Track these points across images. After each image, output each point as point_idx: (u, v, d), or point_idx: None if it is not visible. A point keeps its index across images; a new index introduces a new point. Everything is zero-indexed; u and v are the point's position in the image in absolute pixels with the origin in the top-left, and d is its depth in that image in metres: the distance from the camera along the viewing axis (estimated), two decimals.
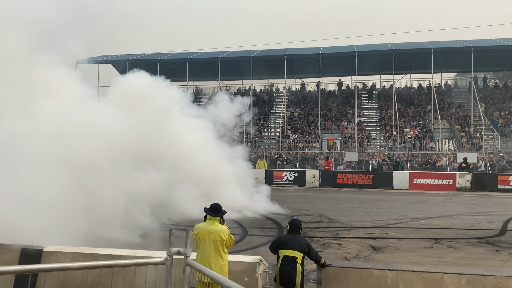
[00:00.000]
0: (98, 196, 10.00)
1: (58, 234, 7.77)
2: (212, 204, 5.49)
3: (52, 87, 11.20)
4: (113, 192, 10.57)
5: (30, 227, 7.55)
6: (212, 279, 2.57)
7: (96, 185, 10.09)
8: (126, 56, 37.08)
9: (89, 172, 9.99)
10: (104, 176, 10.38)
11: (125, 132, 11.42)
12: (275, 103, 38.42)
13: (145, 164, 12.57)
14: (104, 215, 10.05)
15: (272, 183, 24.45)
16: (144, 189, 11.69)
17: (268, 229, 11.64)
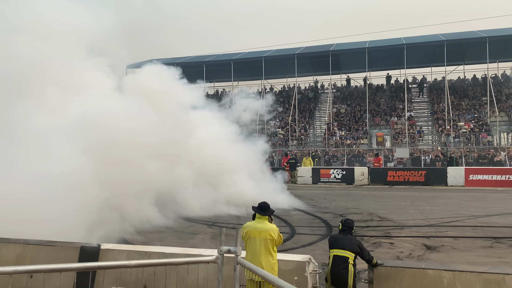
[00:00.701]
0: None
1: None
2: (260, 203, 5.51)
3: (89, 87, 12.21)
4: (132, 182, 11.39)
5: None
6: (263, 278, 2.57)
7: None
8: (173, 60, 38.11)
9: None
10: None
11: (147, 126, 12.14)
12: (320, 100, 37.96)
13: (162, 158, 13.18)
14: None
15: (319, 181, 24.21)
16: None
17: (317, 228, 11.52)
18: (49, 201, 8.72)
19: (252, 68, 37.52)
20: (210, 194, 15.09)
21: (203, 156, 15.17)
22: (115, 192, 11.05)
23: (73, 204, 9.12)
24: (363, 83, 36.52)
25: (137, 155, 11.71)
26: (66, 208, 8.80)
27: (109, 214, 10.82)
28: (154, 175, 12.47)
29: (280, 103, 37.90)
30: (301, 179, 24.53)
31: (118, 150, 11.15)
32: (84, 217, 9.45)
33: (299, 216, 13.42)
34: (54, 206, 8.68)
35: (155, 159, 12.64)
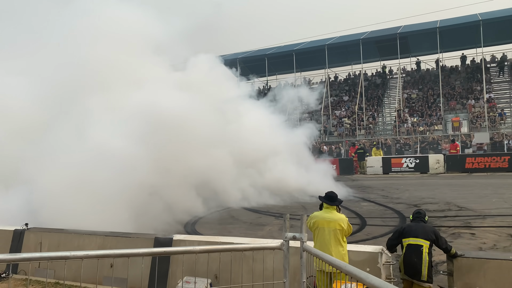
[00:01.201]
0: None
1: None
2: (327, 193, 5.37)
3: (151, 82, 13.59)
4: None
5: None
6: (330, 264, 2.47)
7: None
8: (236, 55, 38.67)
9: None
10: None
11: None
12: (389, 86, 36.37)
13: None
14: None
15: (390, 171, 23.25)
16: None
17: (389, 219, 11.06)
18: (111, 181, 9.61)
19: (315, 57, 36.86)
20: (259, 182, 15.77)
21: (249, 146, 15.83)
22: (175, 181, 11.83)
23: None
24: (435, 66, 34.39)
25: (192, 144, 12.48)
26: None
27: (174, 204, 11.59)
28: (209, 165, 13.19)
29: (345, 91, 36.93)
30: (371, 169, 23.71)
31: (174, 138, 12.01)
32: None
33: (369, 207, 12.99)
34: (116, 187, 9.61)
35: (210, 148, 13.39)
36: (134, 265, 6.29)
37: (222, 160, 14.23)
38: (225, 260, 5.89)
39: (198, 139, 12.71)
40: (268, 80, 39.50)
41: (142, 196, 10.61)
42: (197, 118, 12.87)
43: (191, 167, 12.41)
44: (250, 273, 5.39)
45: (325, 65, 34.50)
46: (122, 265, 6.48)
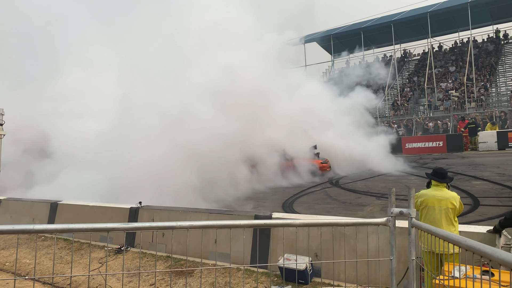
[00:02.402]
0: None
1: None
2: (436, 169, 4.95)
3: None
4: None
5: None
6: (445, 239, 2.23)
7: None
8: (329, 31, 37.59)
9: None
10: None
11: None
12: (503, 53, 32.35)
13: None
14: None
15: (507, 146, 20.83)
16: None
17: (507, 199, 9.93)
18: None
19: (415, 27, 34.20)
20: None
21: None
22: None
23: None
24: None
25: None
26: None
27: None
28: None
29: (451, 61, 33.77)
30: (484, 145, 21.49)
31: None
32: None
33: (483, 185, 11.80)
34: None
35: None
36: (236, 241, 6.55)
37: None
38: (326, 239, 5.82)
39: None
40: (364, 55, 37.77)
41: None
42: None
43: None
44: (351, 252, 5.25)
45: (427, 35, 31.82)
46: (225, 241, 6.80)
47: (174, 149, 12.48)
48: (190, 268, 6.75)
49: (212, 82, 14.15)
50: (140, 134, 12.80)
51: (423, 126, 26.45)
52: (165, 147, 12.45)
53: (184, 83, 14.18)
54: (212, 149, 12.64)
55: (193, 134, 12.64)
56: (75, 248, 8.50)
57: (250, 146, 15.22)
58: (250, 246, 6.56)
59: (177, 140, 12.63)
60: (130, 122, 13.41)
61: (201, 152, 12.51)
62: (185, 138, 12.60)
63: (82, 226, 2.38)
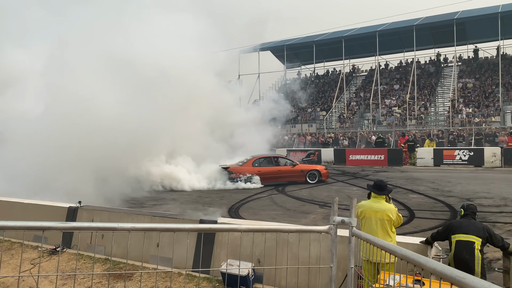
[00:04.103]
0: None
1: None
2: (376, 182, 5.17)
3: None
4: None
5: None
6: (382, 248, 2.34)
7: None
8: (283, 42, 38.27)
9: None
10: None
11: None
12: (443, 75, 34.64)
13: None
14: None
15: (442, 163, 22.25)
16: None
17: (439, 212, 10.59)
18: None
19: (365, 44, 35.76)
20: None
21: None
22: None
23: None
24: (494, 54, 32.31)
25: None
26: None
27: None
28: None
29: (396, 80, 35.61)
30: (421, 161, 22.80)
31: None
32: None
33: (418, 199, 12.50)
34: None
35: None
36: (180, 245, 6.44)
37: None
38: (269, 245, 5.88)
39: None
40: (315, 68, 38.86)
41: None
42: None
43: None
44: (294, 259, 5.34)
45: (375, 52, 33.35)
46: (168, 245, 6.66)
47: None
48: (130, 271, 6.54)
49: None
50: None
51: (367, 139, 27.61)
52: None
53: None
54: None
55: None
56: (5, 247, 7.94)
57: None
58: (193, 250, 6.48)
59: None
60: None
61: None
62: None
63: (14, 224, 2.21)
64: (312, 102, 36.53)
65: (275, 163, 17.14)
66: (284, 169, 16.88)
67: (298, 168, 16.95)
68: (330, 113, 34.27)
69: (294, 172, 16.83)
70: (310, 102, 36.89)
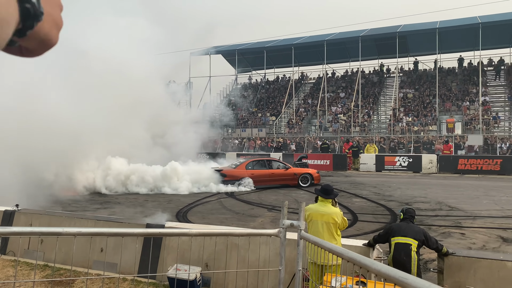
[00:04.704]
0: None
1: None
2: (323, 186, 5.35)
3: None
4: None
5: None
6: (329, 251, 2.44)
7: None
8: (235, 46, 38.44)
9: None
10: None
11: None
12: (385, 85, 36.42)
13: None
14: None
15: (383, 169, 23.35)
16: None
17: (381, 216, 11.10)
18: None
19: (313, 52, 36.80)
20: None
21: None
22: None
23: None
24: (432, 66, 34.46)
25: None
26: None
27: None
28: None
29: (342, 88, 36.93)
30: (364, 166, 23.80)
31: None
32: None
33: (361, 203, 13.03)
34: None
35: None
36: (125, 250, 6.26)
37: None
38: (218, 249, 5.87)
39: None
40: (266, 73, 39.36)
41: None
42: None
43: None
44: (242, 262, 5.37)
45: (323, 61, 34.41)
46: (113, 249, 6.45)
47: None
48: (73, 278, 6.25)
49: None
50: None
51: (313, 145, 28.38)
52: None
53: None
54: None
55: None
56: None
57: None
58: (139, 255, 6.32)
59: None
60: None
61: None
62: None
63: None
64: (262, 107, 36.96)
65: (268, 166, 17.25)
66: (277, 172, 16.99)
67: (290, 172, 17.05)
68: (280, 119, 34.86)
69: (286, 175, 16.92)
70: (261, 107, 37.32)
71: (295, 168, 17.66)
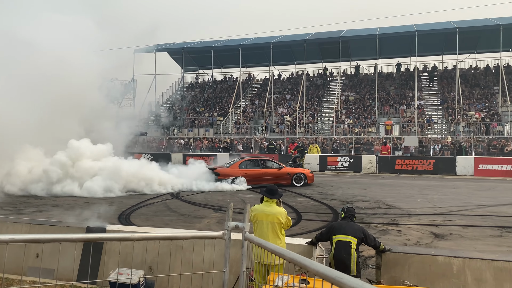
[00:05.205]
0: None
1: None
2: (268, 186, 5.45)
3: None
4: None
5: None
6: (272, 252, 2.49)
7: None
8: (181, 44, 37.89)
9: None
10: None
11: None
12: (329, 88, 37.62)
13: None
14: None
15: (326, 168, 24.11)
16: None
17: (324, 214, 11.47)
18: None
19: (260, 54, 37.20)
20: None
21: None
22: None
23: None
24: (373, 71, 36.08)
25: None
26: None
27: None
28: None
29: (288, 90, 37.64)
30: (308, 166, 24.36)
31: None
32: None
33: (305, 202, 13.38)
34: None
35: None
36: (64, 255, 5.97)
37: None
38: (162, 252, 5.77)
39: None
40: (213, 73, 39.17)
41: None
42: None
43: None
44: (187, 265, 5.33)
45: (269, 63, 34.87)
46: (49, 254, 6.12)
47: None
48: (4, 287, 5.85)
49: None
50: None
51: (260, 145, 28.69)
52: None
53: None
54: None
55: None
56: None
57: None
58: (79, 260, 6.06)
59: None
60: None
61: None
62: None
63: None
64: (210, 107, 36.75)
65: (262, 166, 17.41)
66: (270, 171, 17.20)
67: (284, 171, 17.21)
68: (227, 119, 34.87)
69: (280, 175, 17.05)
70: (208, 106, 37.09)
71: (288, 168, 17.96)
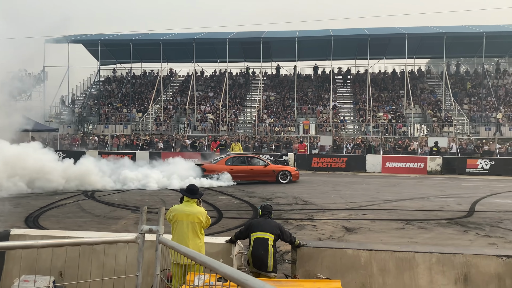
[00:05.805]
0: None
1: None
2: (189, 186, 5.41)
3: None
4: None
5: None
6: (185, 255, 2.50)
7: None
8: (98, 36, 35.93)
9: None
10: None
11: None
12: (251, 87, 38.20)
13: None
14: None
15: None
16: None
17: (244, 212, 11.66)
18: None
19: (182, 50, 36.62)
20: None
21: None
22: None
23: None
24: (292, 72, 37.34)
25: None
26: None
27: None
28: None
29: (211, 87, 37.53)
30: None
31: None
32: None
33: (226, 200, 13.49)
34: None
35: None
36: None
37: None
38: (72, 256, 5.44)
39: None
40: (132, 67, 37.68)
41: None
42: None
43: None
44: (100, 268, 5.09)
45: (192, 59, 34.46)
46: None
47: None
48: None
49: None
50: None
51: (181, 143, 28.28)
52: None
53: None
54: None
55: None
56: None
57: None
58: None
59: None
60: None
61: None
62: None
63: None
64: (128, 103, 35.32)
65: (248, 163, 17.77)
66: (256, 168, 17.76)
67: (269, 168, 17.69)
68: (147, 115, 33.80)
69: (265, 172, 17.65)
70: (126, 102, 35.61)
71: (274, 165, 18.41)
